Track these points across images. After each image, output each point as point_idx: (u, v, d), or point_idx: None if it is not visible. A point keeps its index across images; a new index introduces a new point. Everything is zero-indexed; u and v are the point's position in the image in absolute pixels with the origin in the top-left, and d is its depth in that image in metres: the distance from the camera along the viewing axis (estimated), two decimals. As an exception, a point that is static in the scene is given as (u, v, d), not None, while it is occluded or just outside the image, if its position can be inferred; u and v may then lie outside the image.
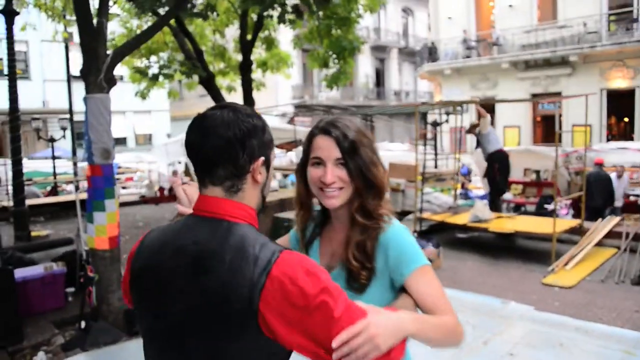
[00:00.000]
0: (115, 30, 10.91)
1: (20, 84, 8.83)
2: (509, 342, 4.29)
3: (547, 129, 20.15)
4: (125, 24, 10.88)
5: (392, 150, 16.06)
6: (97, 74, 4.83)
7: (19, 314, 4.84)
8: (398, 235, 1.43)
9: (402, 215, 9.57)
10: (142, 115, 25.83)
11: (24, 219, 8.90)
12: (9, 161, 10.06)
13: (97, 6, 5.15)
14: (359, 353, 1.07)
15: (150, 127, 27.16)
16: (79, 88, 6.70)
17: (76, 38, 7.90)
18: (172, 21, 8.18)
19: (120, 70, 6.52)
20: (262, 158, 1.21)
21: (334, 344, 1.05)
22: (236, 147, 1.16)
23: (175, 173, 15.29)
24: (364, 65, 30.35)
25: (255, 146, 1.19)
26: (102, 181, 4.76)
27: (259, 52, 11.93)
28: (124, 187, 15.99)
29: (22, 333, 4.78)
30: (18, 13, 8.61)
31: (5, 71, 8.66)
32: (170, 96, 13.51)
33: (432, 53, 22.51)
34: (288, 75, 13.25)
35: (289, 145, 15.14)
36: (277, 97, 24.92)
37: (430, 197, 9.41)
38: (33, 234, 9.29)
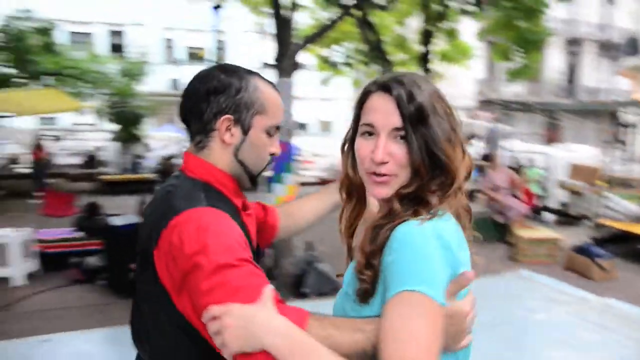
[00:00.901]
0: (304, 21, 11.77)
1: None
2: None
3: None
4: (314, 15, 11.67)
5: (577, 152, 14.92)
6: (284, 61, 5.48)
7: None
8: (409, 235, 0.90)
9: (578, 219, 9.00)
10: (323, 102, 27.16)
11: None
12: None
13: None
14: (216, 341, 0.90)
15: (330, 115, 28.48)
16: (266, 74, 7.47)
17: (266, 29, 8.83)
18: (357, 12, 8.64)
19: (305, 58, 7.19)
20: (230, 117, 1.14)
21: (204, 320, 0.92)
22: (200, 102, 1.14)
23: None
24: (554, 60, 28.21)
25: (221, 103, 1.14)
26: (283, 157, 5.28)
27: (439, 43, 11.95)
28: (303, 169, 17.12)
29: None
30: (222, 7, 9.84)
31: (212, 58, 9.97)
32: (356, 86, 14.16)
33: (635, 46, 20.16)
34: (467, 67, 13.11)
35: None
36: (457, 89, 24.52)
37: (612, 202, 8.67)
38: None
